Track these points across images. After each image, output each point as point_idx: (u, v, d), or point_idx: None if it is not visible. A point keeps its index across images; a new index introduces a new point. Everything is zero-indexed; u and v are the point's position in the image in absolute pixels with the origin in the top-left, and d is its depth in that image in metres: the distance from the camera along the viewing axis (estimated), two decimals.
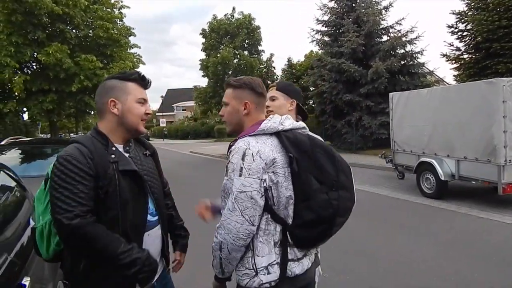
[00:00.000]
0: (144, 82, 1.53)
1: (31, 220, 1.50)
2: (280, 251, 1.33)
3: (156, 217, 1.54)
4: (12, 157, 5.40)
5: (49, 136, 21.03)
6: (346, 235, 4.63)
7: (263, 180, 1.30)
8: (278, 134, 1.37)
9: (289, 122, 1.44)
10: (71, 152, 1.33)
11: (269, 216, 1.34)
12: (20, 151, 5.76)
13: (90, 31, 13.90)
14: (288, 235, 1.35)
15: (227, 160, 1.36)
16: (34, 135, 31.76)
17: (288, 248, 1.35)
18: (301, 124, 1.48)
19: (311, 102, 20.34)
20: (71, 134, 36.57)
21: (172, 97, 57.23)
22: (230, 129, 1.53)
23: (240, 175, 1.29)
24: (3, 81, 12.07)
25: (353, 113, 15.95)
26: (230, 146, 1.40)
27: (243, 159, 1.29)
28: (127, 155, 1.48)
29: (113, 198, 1.34)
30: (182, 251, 1.78)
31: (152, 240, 1.51)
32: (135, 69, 13.71)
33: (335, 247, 4.28)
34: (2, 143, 6.15)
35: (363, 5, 16.87)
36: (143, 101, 1.51)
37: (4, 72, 11.76)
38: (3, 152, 5.52)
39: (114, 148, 1.43)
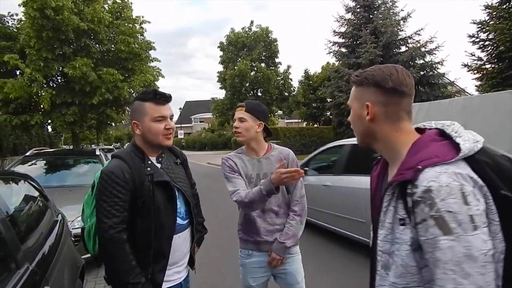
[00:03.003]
0: (160, 100, 1.57)
1: (81, 221, 1.78)
2: None
3: (187, 220, 1.68)
4: (36, 167, 5.58)
5: (71, 147, 21.68)
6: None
7: None
8: (471, 159, 0.90)
9: (471, 135, 0.96)
10: (112, 168, 1.50)
11: None
12: (44, 162, 5.95)
13: (112, 46, 14.39)
14: None
15: (421, 208, 0.84)
16: (57, 146, 32.75)
17: None
18: (477, 135, 0.97)
19: (328, 114, 20.19)
20: (92, 145, 37.58)
21: (190, 109, 58.11)
22: (358, 140, 1.12)
23: (476, 228, 0.80)
24: (31, 95, 12.61)
25: None
26: (403, 183, 0.89)
27: (466, 202, 0.81)
28: (159, 165, 1.62)
29: (148, 206, 1.50)
30: (196, 245, 1.87)
31: (182, 241, 1.65)
32: (152, 87, 14.15)
33: (362, 267, 4.17)
34: (27, 154, 6.36)
35: (381, 16, 16.82)
36: (161, 118, 1.56)
37: (32, 86, 12.30)
38: (28, 163, 5.71)
39: (149, 162, 1.58)
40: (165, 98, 1.58)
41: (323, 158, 5.62)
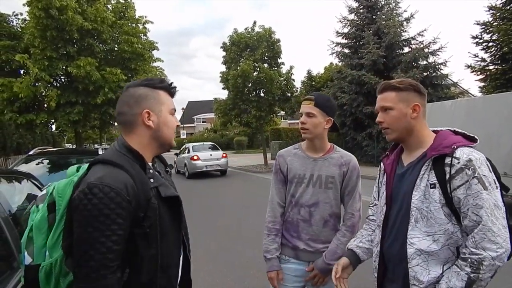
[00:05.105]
0: (173, 92, 1.31)
1: (26, 256, 1.14)
2: None
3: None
4: (39, 166, 5.61)
5: (74, 146, 21.78)
6: None
7: None
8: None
9: None
10: (109, 181, 1.05)
11: None
12: (47, 161, 5.98)
13: (116, 46, 14.45)
14: None
15: (464, 173, 1.21)
16: (60, 145, 32.92)
17: None
18: None
19: None
20: (95, 145, 37.71)
21: (193, 109, 58.20)
22: (395, 136, 1.41)
23: (497, 187, 1.21)
24: (36, 94, 12.70)
25: (374, 125, 15.69)
26: (442, 156, 1.26)
27: (490, 170, 1.23)
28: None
29: (154, 231, 1.13)
30: None
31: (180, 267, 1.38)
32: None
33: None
34: (30, 153, 6.39)
35: (384, 17, 16.76)
36: (174, 112, 1.30)
37: (38, 85, 12.38)
38: (31, 162, 5.74)
39: (151, 171, 1.19)
40: (175, 91, 1.34)
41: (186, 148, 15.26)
